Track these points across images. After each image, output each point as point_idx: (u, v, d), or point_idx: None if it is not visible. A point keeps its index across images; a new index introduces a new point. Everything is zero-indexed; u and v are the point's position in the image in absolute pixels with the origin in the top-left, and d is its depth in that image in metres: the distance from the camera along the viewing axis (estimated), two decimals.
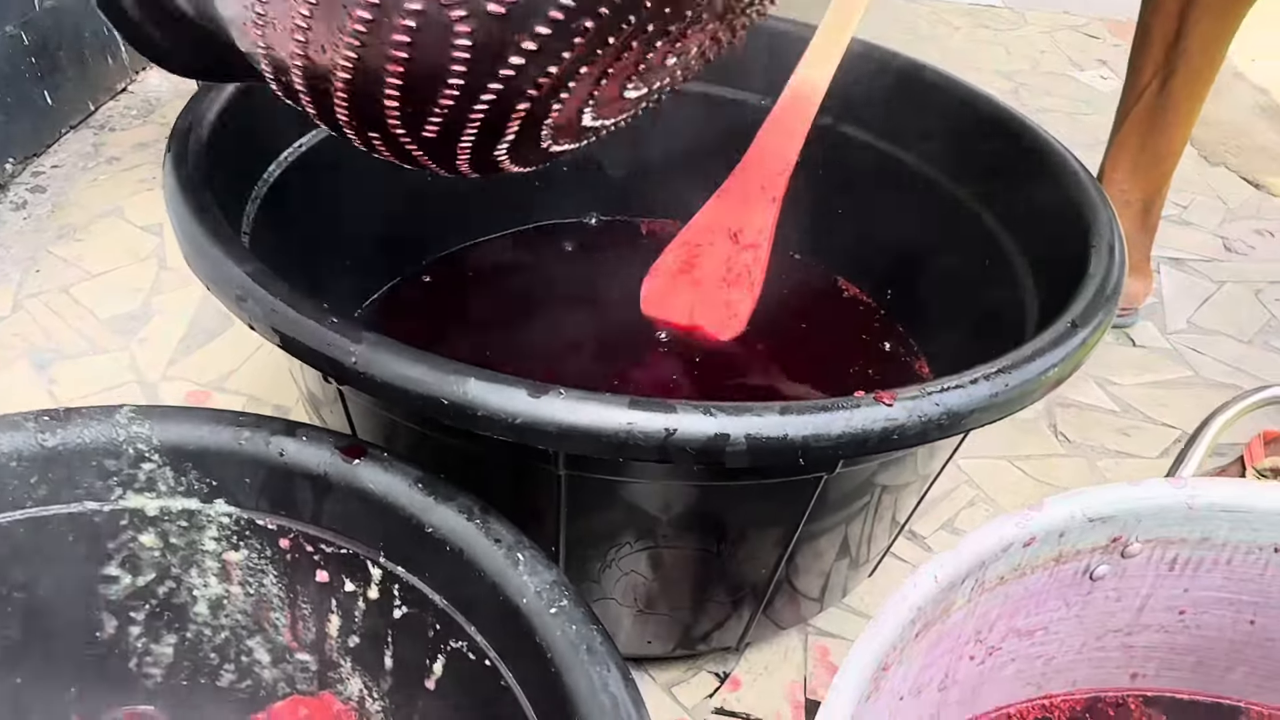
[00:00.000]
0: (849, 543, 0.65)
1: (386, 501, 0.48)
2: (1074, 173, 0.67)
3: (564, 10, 0.34)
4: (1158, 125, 0.98)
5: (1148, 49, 0.96)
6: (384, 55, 0.36)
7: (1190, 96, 0.97)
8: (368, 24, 0.35)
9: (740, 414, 0.44)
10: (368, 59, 0.37)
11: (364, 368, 0.45)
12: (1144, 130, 0.98)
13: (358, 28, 0.35)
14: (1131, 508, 0.47)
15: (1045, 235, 0.66)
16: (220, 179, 0.61)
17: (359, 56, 0.37)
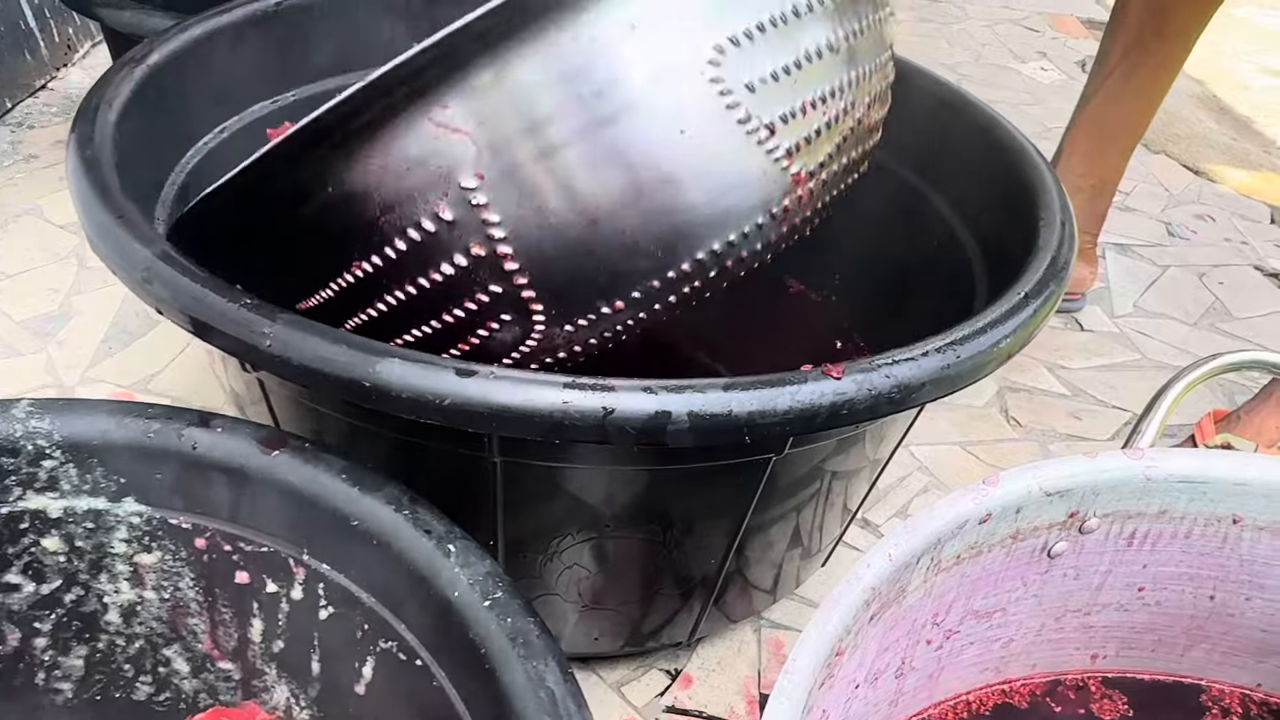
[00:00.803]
0: (800, 531, 0.64)
1: (308, 495, 0.45)
2: (1022, 148, 0.66)
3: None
4: (1120, 109, 0.97)
5: (1122, 30, 0.95)
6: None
7: (1156, 82, 0.96)
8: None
9: (682, 391, 0.42)
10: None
11: (279, 350, 0.42)
12: (1106, 112, 0.97)
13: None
14: (1089, 480, 0.46)
15: (994, 213, 0.65)
16: (132, 162, 0.58)
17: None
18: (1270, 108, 1.71)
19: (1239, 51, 1.94)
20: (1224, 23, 1.98)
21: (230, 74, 0.70)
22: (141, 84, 0.62)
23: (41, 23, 1.22)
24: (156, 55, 0.64)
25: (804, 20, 0.45)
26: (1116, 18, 0.96)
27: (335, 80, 0.77)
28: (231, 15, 0.71)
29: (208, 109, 0.68)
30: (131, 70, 0.62)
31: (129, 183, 0.56)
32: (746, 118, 0.44)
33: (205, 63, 0.68)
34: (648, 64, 0.42)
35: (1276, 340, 1.05)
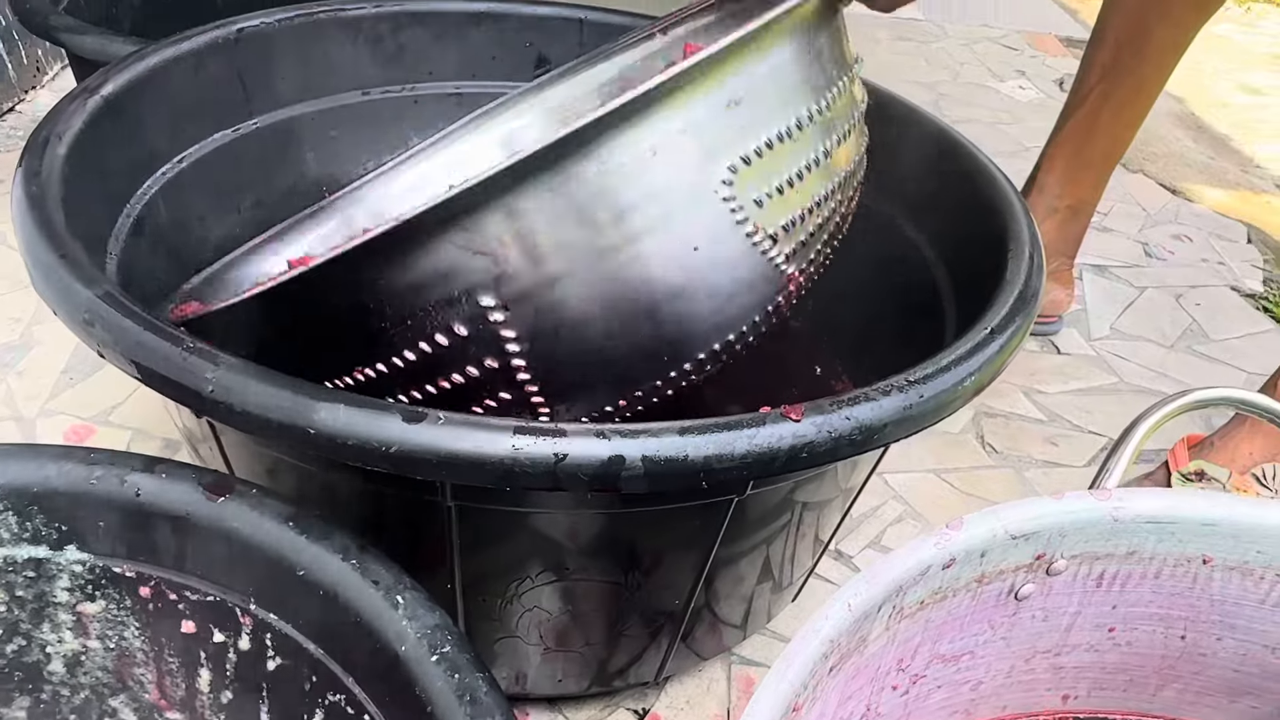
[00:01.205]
0: (770, 564, 0.62)
1: (255, 543, 0.44)
2: (992, 178, 0.66)
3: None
4: (1098, 129, 0.97)
5: (1101, 49, 0.94)
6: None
7: (1135, 103, 0.95)
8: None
9: (636, 435, 0.41)
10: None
11: (222, 396, 0.41)
12: (1084, 133, 0.97)
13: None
14: (1055, 522, 0.45)
15: (963, 243, 0.64)
16: (82, 196, 0.57)
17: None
18: (1248, 126, 1.71)
19: (1218, 69, 1.95)
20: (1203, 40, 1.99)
21: (189, 102, 0.69)
22: (95, 115, 0.60)
23: (9, 45, 1.21)
24: (111, 85, 0.63)
25: (804, 131, 0.48)
26: (1096, 37, 0.95)
27: (298, 108, 0.76)
28: (191, 43, 0.70)
29: (165, 139, 0.67)
30: (84, 101, 0.60)
31: (79, 218, 0.55)
32: (754, 231, 0.46)
33: (163, 91, 0.67)
34: (667, 187, 0.44)
35: (1253, 362, 1.04)
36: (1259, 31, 2.23)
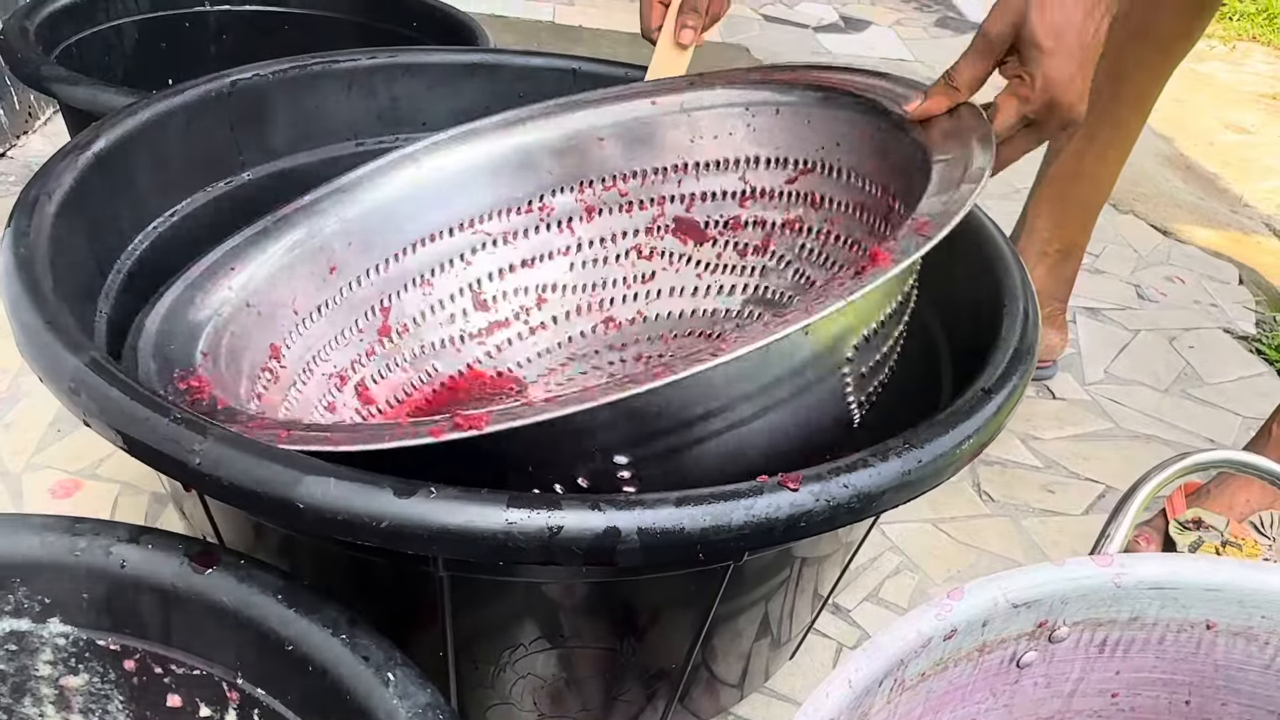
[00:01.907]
0: (769, 621, 0.62)
1: (243, 615, 0.43)
2: (984, 230, 0.66)
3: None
4: (1083, 170, 0.97)
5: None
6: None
7: (1117, 143, 0.96)
8: None
9: (631, 507, 0.40)
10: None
11: (210, 469, 0.40)
12: (1069, 175, 0.97)
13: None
14: (1057, 589, 0.44)
15: (959, 297, 0.64)
16: (69, 255, 0.56)
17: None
18: (1237, 165, 1.72)
19: (1205, 108, 1.97)
20: (1190, 79, 2.01)
21: (181, 157, 0.69)
22: (85, 172, 0.60)
23: (1, 89, 1.20)
24: (102, 141, 0.63)
25: (900, 304, 0.54)
26: None
27: (291, 160, 0.76)
28: (183, 97, 0.70)
29: (157, 194, 0.67)
30: (75, 158, 0.60)
31: (68, 277, 0.54)
32: (851, 393, 0.52)
33: (155, 147, 0.66)
34: (809, 364, 0.49)
35: (1248, 406, 1.04)
36: (1244, 70, 2.26)
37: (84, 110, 0.86)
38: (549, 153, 0.77)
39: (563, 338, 0.78)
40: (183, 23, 1.13)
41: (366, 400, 0.69)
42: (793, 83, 0.73)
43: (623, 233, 0.79)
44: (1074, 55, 0.57)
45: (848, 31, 2.02)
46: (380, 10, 1.15)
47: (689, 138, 0.76)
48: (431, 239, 0.75)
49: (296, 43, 1.15)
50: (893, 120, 0.65)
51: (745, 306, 0.76)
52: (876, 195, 0.68)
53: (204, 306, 0.61)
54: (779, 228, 0.75)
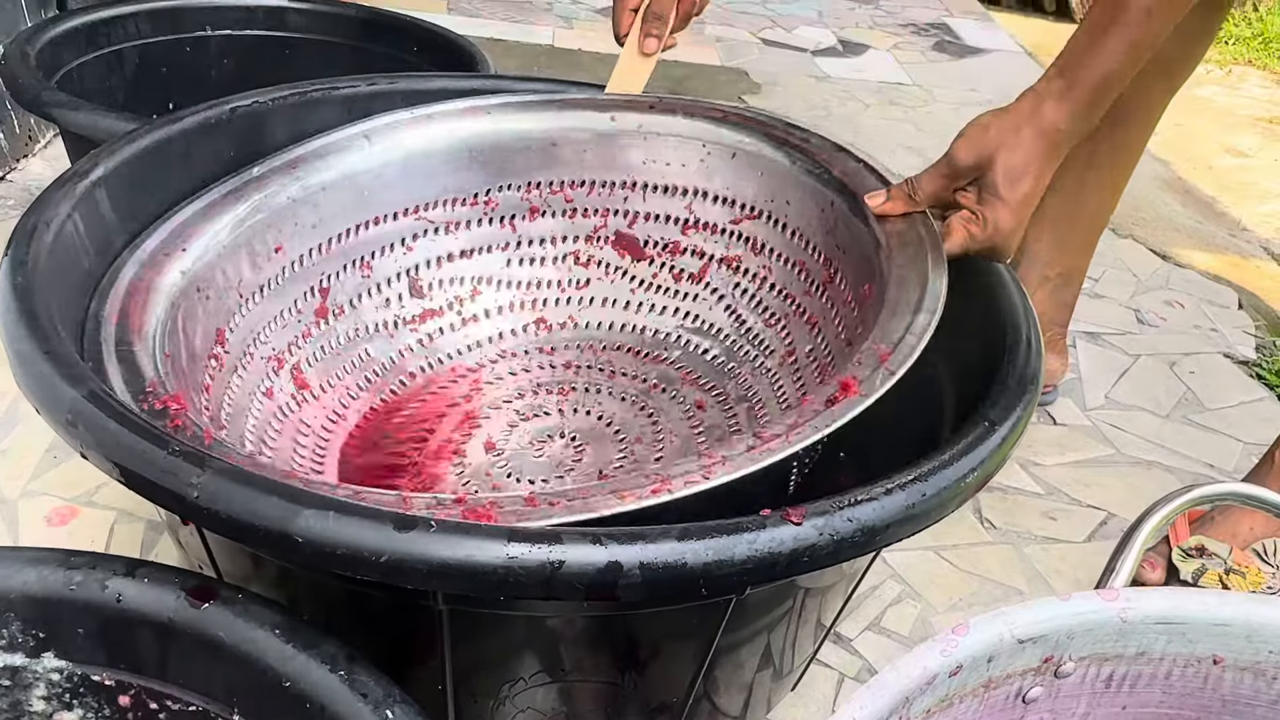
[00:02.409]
0: (771, 652, 0.61)
1: (240, 651, 0.42)
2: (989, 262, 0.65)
3: None
4: (1083, 195, 0.97)
5: None
6: None
7: (1117, 168, 0.96)
8: None
9: (633, 541, 0.40)
10: None
11: (208, 502, 0.40)
12: (1069, 200, 0.97)
13: None
14: (1063, 625, 0.44)
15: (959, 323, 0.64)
16: (68, 284, 0.56)
17: None
18: (1235, 188, 1.73)
19: (1203, 132, 1.97)
20: (1188, 103, 2.02)
21: (181, 185, 0.68)
22: (84, 200, 0.60)
23: (1, 113, 1.21)
24: (101, 169, 0.62)
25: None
26: None
27: None
28: (183, 124, 0.70)
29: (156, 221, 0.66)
30: (74, 186, 0.60)
31: (66, 308, 0.54)
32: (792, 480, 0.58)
33: (154, 174, 0.66)
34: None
35: (1249, 432, 1.04)
36: (1240, 94, 2.27)
37: (84, 135, 0.86)
38: (502, 148, 0.77)
39: (494, 333, 0.79)
40: (184, 47, 1.13)
41: (301, 385, 0.70)
42: (758, 129, 0.75)
43: (563, 237, 0.80)
44: (1023, 209, 0.62)
45: (846, 55, 2.03)
46: (381, 35, 1.15)
47: (642, 159, 0.77)
48: (376, 221, 0.75)
49: (297, 67, 1.15)
50: (846, 199, 0.67)
51: (677, 331, 0.78)
52: (818, 261, 0.71)
53: (158, 292, 0.60)
54: (717, 262, 0.77)
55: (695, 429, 0.71)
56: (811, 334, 0.70)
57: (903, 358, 0.52)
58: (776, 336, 0.73)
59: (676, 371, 0.76)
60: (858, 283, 0.65)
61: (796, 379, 0.70)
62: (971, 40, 2.21)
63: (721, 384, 0.74)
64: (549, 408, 0.73)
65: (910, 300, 0.57)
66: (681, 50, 1.89)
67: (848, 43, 2.10)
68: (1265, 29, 2.57)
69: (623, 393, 0.74)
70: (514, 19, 1.95)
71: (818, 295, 0.70)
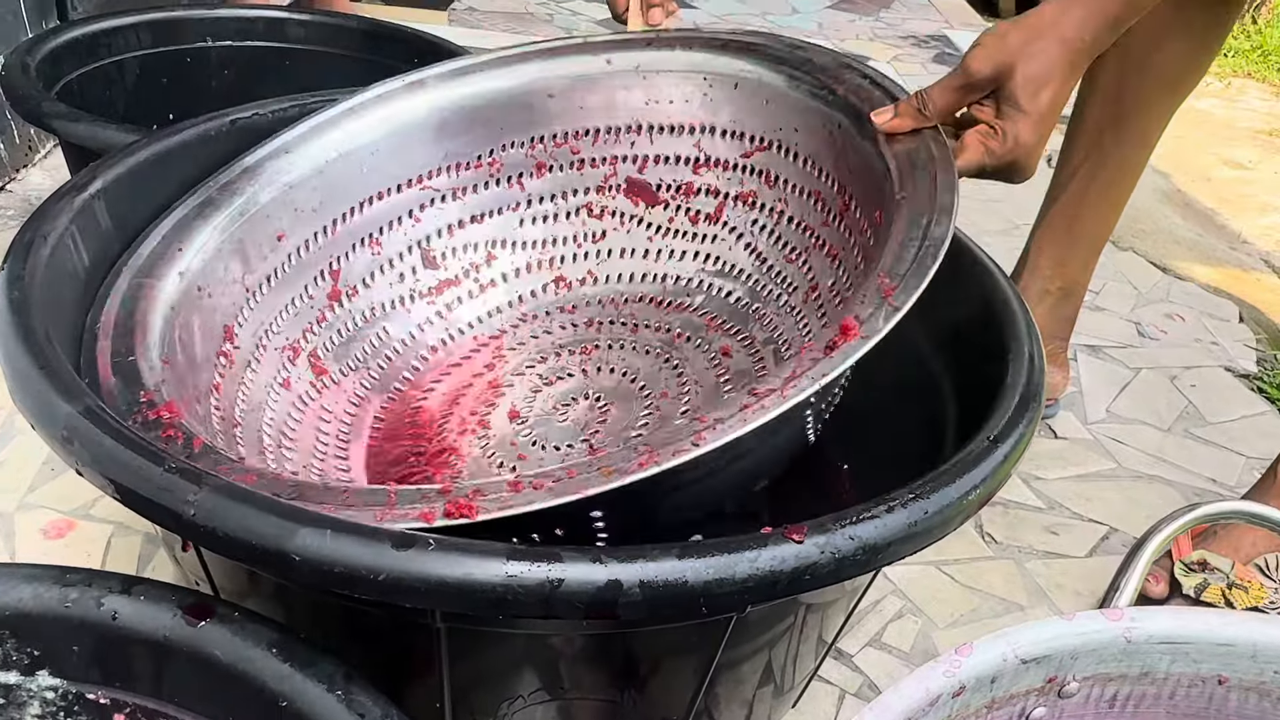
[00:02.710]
0: (773, 668, 0.61)
1: (236, 670, 0.42)
2: (990, 274, 0.65)
3: None
4: (1085, 209, 0.97)
5: (1082, 132, 0.95)
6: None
7: (1120, 183, 0.96)
8: None
9: (633, 559, 0.40)
10: None
11: (204, 520, 0.40)
12: (1071, 214, 0.97)
13: None
14: (1067, 645, 0.43)
15: (962, 340, 0.63)
16: (65, 298, 0.56)
17: None
18: (1234, 201, 1.73)
19: (1202, 144, 1.97)
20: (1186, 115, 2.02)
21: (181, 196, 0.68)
22: (82, 213, 0.60)
23: (1, 123, 1.21)
24: (100, 182, 0.62)
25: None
26: (1075, 121, 0.96)
27: None
28: (182, 136, 0.69)
29: None
30: (72, 199, 0.60)
31: (63, 322, 0.54)
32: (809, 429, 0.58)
33: (154, 187, 0.66)
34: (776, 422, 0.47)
35: (1251, 446, 1.03)
36: (1240, 106, 2.27)
37: (84, 146, 0.86)
38: (498, 106, 0.75)
39: (513, 296, 0.78)
40: (184, 58, 1.13)
41: (319, 371, 0.69)
42: (759, 54, 0.72)
43: (574, 190, 0.78)
44: (1046, 122, 0.58)
45: None
46: (381, 46, 1.15)
47: (644, 100, 0.75)
48: (380, 196, 0.73)
49: (298, 79, 1.15)
50: (852, 120, 0.64)
51: (699, 276, 0.75)
52: (832, 190, 0.68)
53: (155, 300, 0.59)
54: (732, 199, 0.74)
55: (721, 376, 0.69)
56: (833, 266, 0.67)
57: (907, 292, 0.49)
58: (799, 272, 0.70)
59: (700, 318, 0.73)
60: (870, 209, 0.62)
61: (821, 315, 0.67)
62: None
63: (747, 327, 0.72)
64: (572, 369, 0.72)
65: (916, 231, 0.53)
66: None
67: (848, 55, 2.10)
68: (1264, 41, 2.58)
69: (646, 346, 0.72)
70: (515, 30, 1.95)
71: (835, 225, 0.67)
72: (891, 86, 0.65)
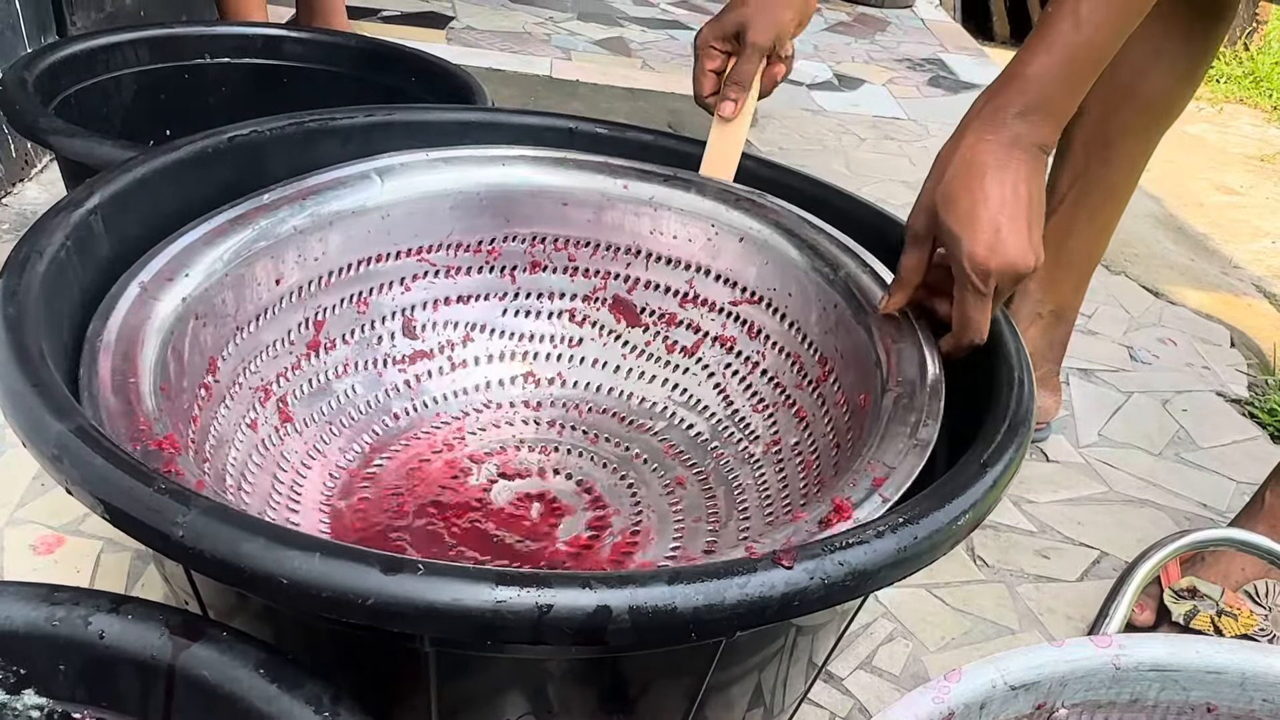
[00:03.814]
0: (763, 691, 0.60)
1: (224, 690, 0.42)
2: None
3: None
4: (1074, 233, 0.97)
5: (1069, 160, 0.95)
6: None
7: (1108, 207, 0.96)
8: None
9: (623, 585, 0.40)
10: None
11: (192, 541, 0.39)
12: (1061, 237, 0.97)
13: None
14: (1055, 671, 0.43)
15: (953, 364, 0.64)
16: (60, 315, 0.56)
17: None
18: (1226, 226, 1.74)
19: (1194, 169, 1.99)
20: (1179, 140, 2.03)
21: (176, 214, 0.68)
22: (78, 229, 0.60)
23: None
24: (96, 198, 0.62)
25: None
26: (1063, 145, 0.96)
27: None
28: (179, 153, 0.70)
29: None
30: (68, 216, 0.60)
31: (57, 339, 0.54)
32: None
33: (150, 204, 0.66)
34: None
35: (1242, 471, 1.04)
36: (1231, 131, 2.29)
37: (80, 162, 0.86)
38: (512, 200, 0.77)
39: (481, 380, 0.79)
40: (182, 74, 1.14)
41: (285, 418, 0.69)
42: (769, 217, 0.75)
43: (562, 294, 0.80)
44: (992, 224, 0.59)
45: (842, 89, 2.04)
46: (379, 66, 1.16)
47: (649, 228, 0.78)
48: (378, 259, 0.74)
49: (295, 95, 1.15)
50: (849, 303, 0.68)
51: (665, 402, 0.78)
52: (813, 357, 0.71)
53: (157, 319, 0.59)
54: (711, 339, 0.77)
55: (674, 506, 0.71)
56: (799, 427, 0.70)
57: (896, 486, 0.52)
58: (763, 423, 0.73)
59: (659, 444, 0.76)
60: (854, 390, 0.65)
61: (780, 470, 0.70)
62: (966, 75, 2.23)
63: (703, 463, 0.74)
64: (530, 466, 0.73)
65: (905, 427, 0.57)
66: (678, 81, 1.90)
67: (843, 77, 2.12)
68: (1256, 68, 2.60)
69: (605, 459, 0.74)
70: (513, 49, 1.96)
71: (809, 390, 0.70)
72: (887, 277, 0.68)
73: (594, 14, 2.26)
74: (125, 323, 0.57)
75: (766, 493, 0.70)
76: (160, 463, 0.47)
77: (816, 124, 1.84)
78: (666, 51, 2.10)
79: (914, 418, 0.57)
